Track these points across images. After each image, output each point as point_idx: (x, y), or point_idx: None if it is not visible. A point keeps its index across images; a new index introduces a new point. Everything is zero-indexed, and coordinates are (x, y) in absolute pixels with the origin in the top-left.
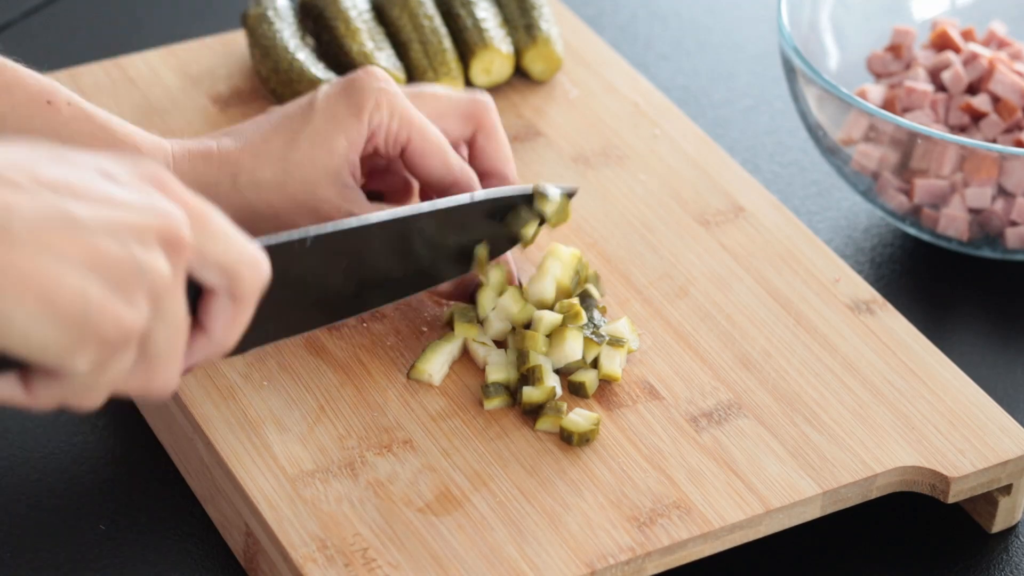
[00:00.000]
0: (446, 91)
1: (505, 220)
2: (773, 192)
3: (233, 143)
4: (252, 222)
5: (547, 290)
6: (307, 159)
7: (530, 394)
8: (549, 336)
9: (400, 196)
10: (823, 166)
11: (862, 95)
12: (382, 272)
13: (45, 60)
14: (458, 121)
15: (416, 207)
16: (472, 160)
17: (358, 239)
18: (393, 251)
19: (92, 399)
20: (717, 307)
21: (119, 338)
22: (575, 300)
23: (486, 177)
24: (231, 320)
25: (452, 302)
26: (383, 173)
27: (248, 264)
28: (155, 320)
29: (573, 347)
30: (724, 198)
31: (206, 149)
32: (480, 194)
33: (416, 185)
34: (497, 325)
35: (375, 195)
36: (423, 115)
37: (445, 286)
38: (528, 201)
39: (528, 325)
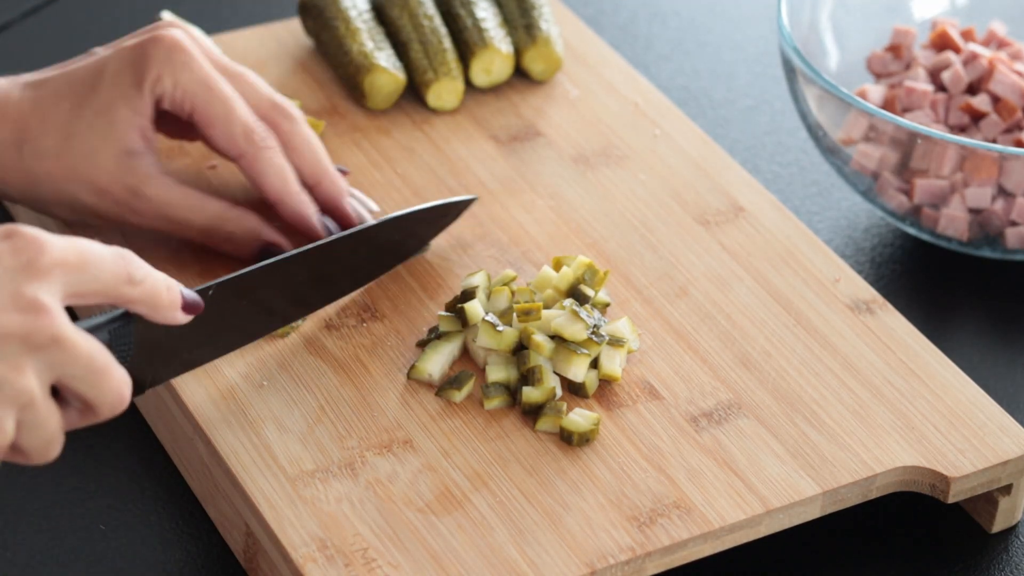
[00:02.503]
0: (256, 85)
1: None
2: (773, 192)
3: (30, 99)
4: (34, 193)
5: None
6: (89, 128)
7: (530, 394)
8: (553, 341)
9: None
10: (823, 166)
11: (862, 95)
12: (287, 300)
13: (45, 60)
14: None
15: (297, 251)
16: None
17: (254, 281)
18: (293, 283)
19: None
20: (717, 307)
21: None
22: (569, 301)
23: (308, 187)
24: (79, 423)
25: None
26: None
27: (108, 405)
28: (24, 430)
29: (576, 372)
30: (724, 198)
31: (3, 109)
32: (370, 222)
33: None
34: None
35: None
36: (218, 84)
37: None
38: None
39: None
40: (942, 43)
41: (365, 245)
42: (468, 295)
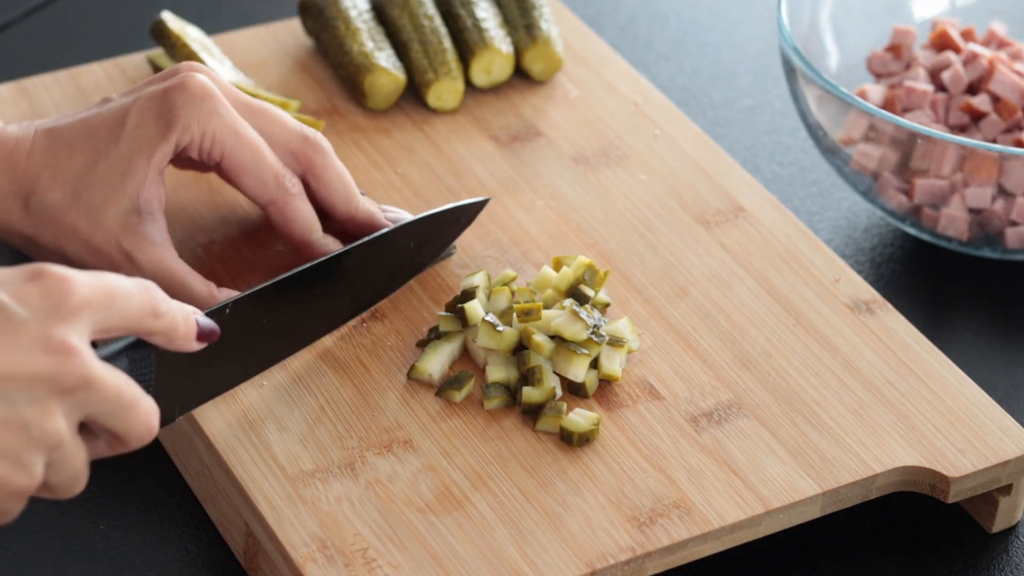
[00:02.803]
0: (283, 120)
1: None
2: (773, 192)
3: (41, 153)
4: (34, 243)
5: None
6: (100, 182)
7: (530, 394)
8: (553, 341)
9: None
10: (823, 166)
11: (862, 95)
12: (308, 315)
13: (45, 60)
14: (285, 156)
15: (310, 264)
16: (315, 203)
17: (269, 298)
18: (310, 297)
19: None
20: (717, 307)
21: (11, 496)
22: (569, 301)
23: (340, 221)
24: (107, 453)
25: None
26: None
27: (137, 436)
28: (52, 469)
29: (576, 372)
30: (724, 198)
31: (15, 159)
32: (385, 229)
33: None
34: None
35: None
36: (246, 130)
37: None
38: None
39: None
40: (942, 43)
41: (382, 253)
42: (468, 295)
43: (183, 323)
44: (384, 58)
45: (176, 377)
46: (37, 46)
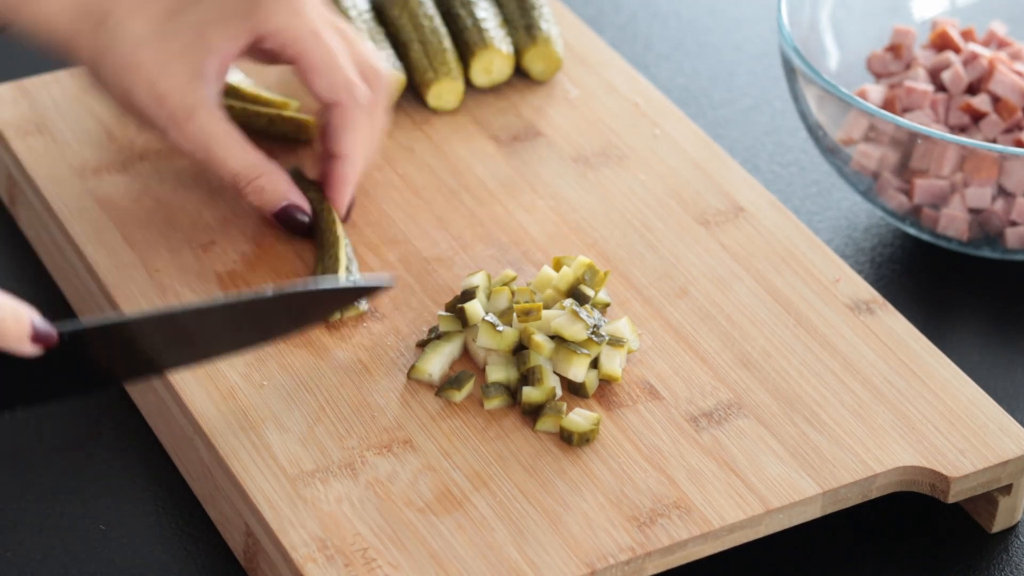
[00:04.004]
0: (356, 42)
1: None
2: (773, 192)
3: None
4: (94, 72)
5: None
6: (175, 33)
7: (530, 394)
8: (553, 341)
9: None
10: (823, 166)
11: (862, 95)
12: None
13: (45, 60)
14: None
15: (210, 301)
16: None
17: (125, 331)
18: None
19: None
20: (717, 307)
21: None
22: (569, 301)
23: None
24: None
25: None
26: None
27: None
28: None
29: (576, 372)
30: (724, 198)
31: None
32: (281, 287)
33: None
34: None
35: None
36: (324, 34)
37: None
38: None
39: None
40: (942, 43)
41: (245, 317)
42: (468, 295)
43: (13, 321)
44: (384, 58)
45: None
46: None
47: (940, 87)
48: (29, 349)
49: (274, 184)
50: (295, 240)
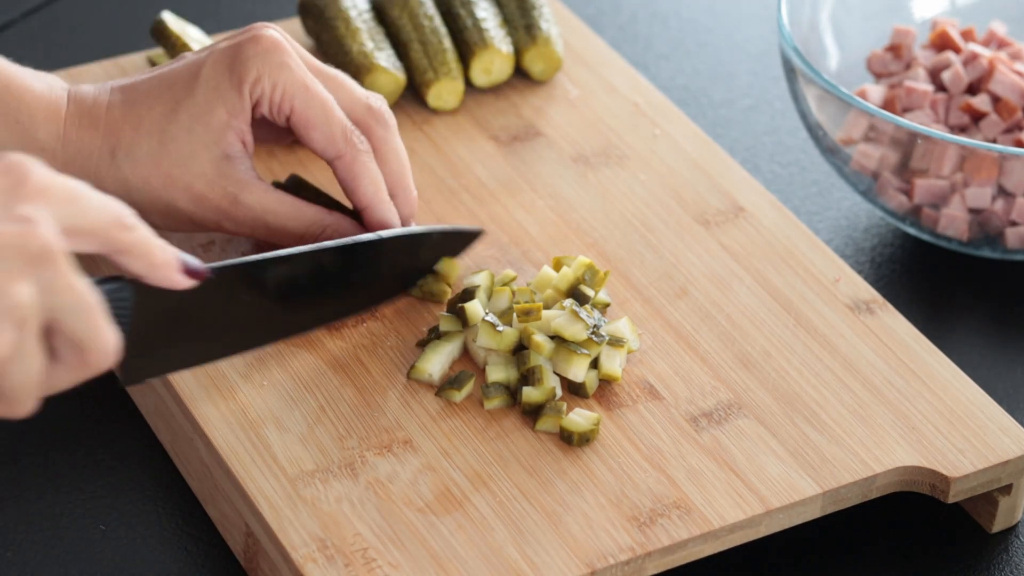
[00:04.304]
0: (350, 86)
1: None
2: (773, 192)
3: (120, 105)
4: (128, 200)
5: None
6: (185, 131)
7: (530, 394)
8: (553, 341)
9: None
10: (823, 166)
11: (862, 95)
12: (292, 303)
13: (45, 60)
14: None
15: (316, 245)
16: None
17: (255, 273)
18: (298, 284)
19: None
20: (717, 307)
21: None
22: (569, 301)
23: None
24: (64, 377)
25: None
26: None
27: (96, 351)
28: (7, 368)
29: (576, 372)
30: (724, 198)
31: (95, 115)
32: (386, 233)
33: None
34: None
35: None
36: (315, 85)
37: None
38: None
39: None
40: (942, 43)
41: (381, 259)
42: (468, 295)
43: (159, 250)
44: (384, 58)
45: (150, 334)
46: (37, 46)
47: (940, 87)
48: (180, 280)
49: (340, 232)
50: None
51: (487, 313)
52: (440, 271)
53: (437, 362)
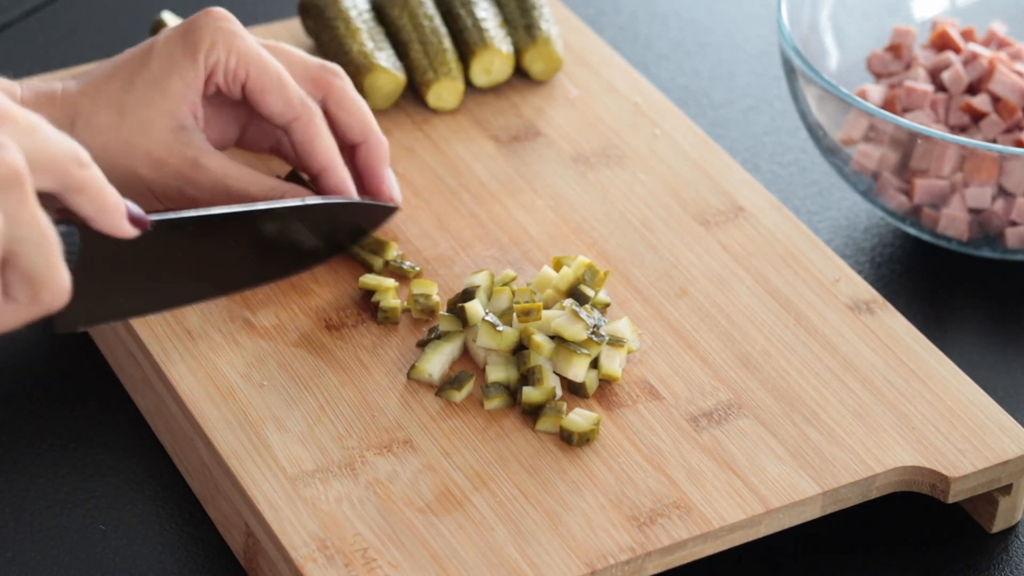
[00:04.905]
0: (299, 53)
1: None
2: (773, 192)
3: (76, 85)
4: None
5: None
6: (142, 100)
7: (530, 394)
8: (553, 341)
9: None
10: (823, 166)
11: (862, 95)
12: (224, 261)
13: (45, 60)
14: (304, 83)
15: (247, 205)
16: (333, 132)
17: (200, 227)
18: (229, 243)
19: None
20: (717, 307)
21: None
22: (569, 301)
23: (347, 149)
24: (13, 316)
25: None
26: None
27: (50, 288)
28: (15, 241)
29: (576, 372)
30: (724, 198)
31: (51, 91)
32: (313, 200)
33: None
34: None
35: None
36: (268, 53)
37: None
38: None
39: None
40: (942, 43)
41: (315, 222)
42: (468, 295)
43: (111, 192)
44: (384, 58)
45: (90, 281)
46: (37, 46)
47: (940, 87)
48: (127, 228)
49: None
50: None
51: (487, 313)
52: (372, 242)
53: (437, 362)
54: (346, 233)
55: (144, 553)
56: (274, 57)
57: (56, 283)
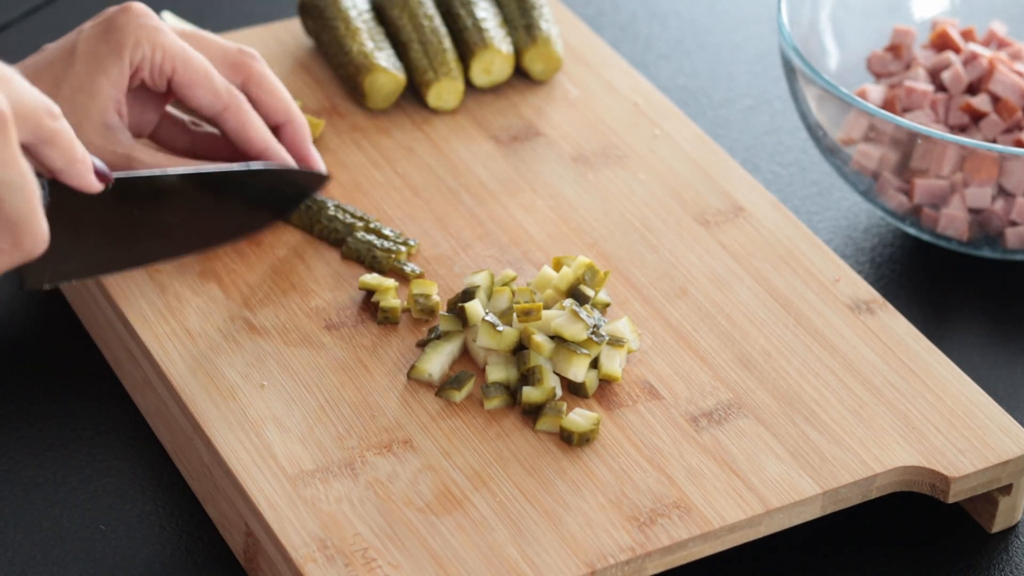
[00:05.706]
0: (215, 39)
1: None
2: (773, 192)
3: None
4: None
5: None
6: (69, 104)
7: (530, 394)
8: (553, 341)
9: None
10: (823, 166)
11: (862, 95)
12: (187, 220)
13: None
14: (224, 69)
15: (200, 167)
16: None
17: (151, 187)
18: (185, 204)
19: None
20: (717, 307)
21: None
22: (569, 301)
23: (275, 130)
24: None
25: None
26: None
27: (28, 233)
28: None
29: (576, 372)
30: (724, 198)
31: None
32: (256, 164)
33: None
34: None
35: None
36: (189, 47)
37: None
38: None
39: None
40: (942, 43)
41: (260, 185)
42: (468, 295)
43: (80, 145)
44: (384, 58)
45: (59, 235)
46: (37, 46)
47: (940, 87)
48: (94, 182)
49: None
50: (294, 239)
51: (487, 313)
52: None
53: (437, 362)
54: (288, 197)
55: (144, 553)
56: (194, 47)
57: (37, 229)
